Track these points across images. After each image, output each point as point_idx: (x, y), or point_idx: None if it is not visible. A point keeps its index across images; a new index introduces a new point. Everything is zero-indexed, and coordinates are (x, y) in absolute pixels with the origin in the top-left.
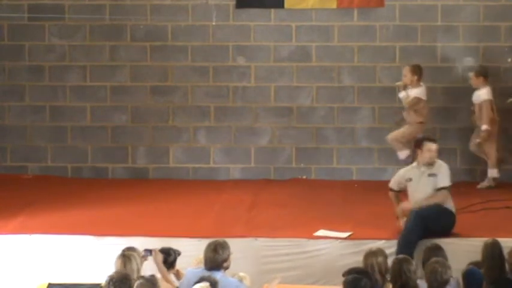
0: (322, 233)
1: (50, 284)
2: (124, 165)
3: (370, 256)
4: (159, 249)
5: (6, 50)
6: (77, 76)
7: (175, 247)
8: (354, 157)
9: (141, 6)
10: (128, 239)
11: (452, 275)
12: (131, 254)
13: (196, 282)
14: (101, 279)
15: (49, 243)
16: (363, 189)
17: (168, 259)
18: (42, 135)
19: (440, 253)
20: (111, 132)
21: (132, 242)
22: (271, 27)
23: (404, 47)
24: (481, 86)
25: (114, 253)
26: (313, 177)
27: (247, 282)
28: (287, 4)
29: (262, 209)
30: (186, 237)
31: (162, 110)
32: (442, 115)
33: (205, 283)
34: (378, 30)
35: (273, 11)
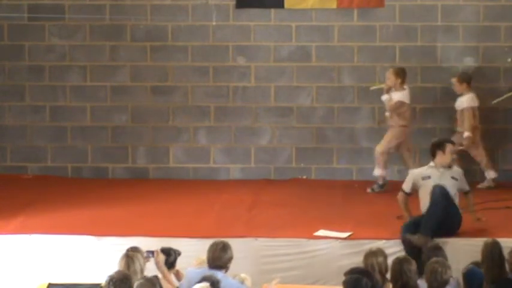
0: (322, 233)
1: (50, 284)
2: (124, 165)
3: (370, 256)
4: (160, 249)
5: (6, 50)
6: (77, 76)
7: (175, 247)
8: (354, 157)
9: (141, 6)
10: (128, 239)
11: (452, 275)
12: (134, 255)
13: (198, 282)
14: (101, 279)
15: (49, 243)
16: (363, 189)
17: (168, 259)
18: (42, 135)
19: (440, 253)
20: (111, 132)
21: (132, 242)
22: (271, 27)
23: (404, 47)
24: (465, 92)
25: (114, 253)
26: (313, 177)
27: (248, 283)
28: (287, 4)
29: (262, 209)
30: (186, 237)
31: (162, 110)
32: (441, 115)
33: (206, 283)
34: (378, 30)
35: (273, 11)
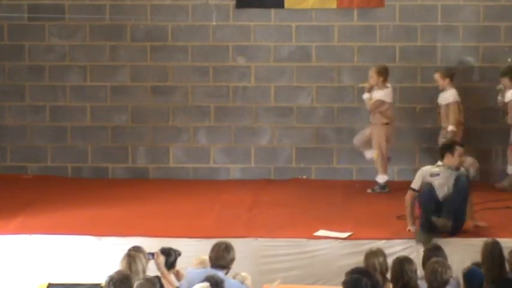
0: (322, 233)
1: (50, 284)
2: (124, 165)
3: (371, 256)
4: (160, 250)
5: (6, 50)
6: (77, 76)
7: (175, 247)
8: (354, 157)
9: (141, 6)
10: (128, 239)
11: (452, 275)
12: (136, 254)
13: (202, 282)
14: (101, 279)
15: (49, 243)
16: (363, 189)
17: (168, 259)
18: (42, 135)
19: (440, 253)
20: (111, 132)
21: (132, 242)
22: (271, 27)
23: (404, 47)
24: (447, 87)
25: (114, 253)
26: (313, 177)
27: (248, 282)
28: (287, 4)
29: (262, 209)
30: (186, 237)
31: (162, 110)
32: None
33: (206, 283)
34: (378, 30)
35: (273, 11)
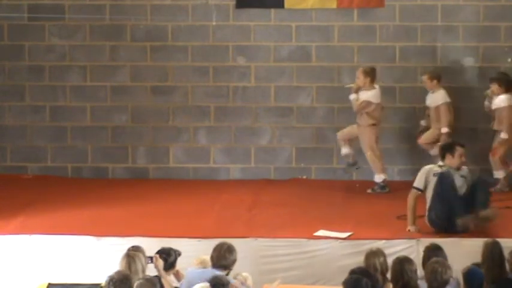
0: (322, 233)
1: (50, 284)
2: (124, 165)
3: (371, 256)
4: (160, 249)
5: (6, 50)
6: (77, 76)
7: (175, 247)
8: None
9: (141, 6)
10: (128, 239)
11: (452, 275)
12: (136, 254)
13: (209, 281)
14: (101, 279)
15: (49, 243)
16: (363, 189)
17: (168, 259)
18: (42, 135)
19: (440, 253)
20: (111, 132)
21: (131, 242)
22: (271, 27)
23: (404, 47)
24: (436, 89)
25: (114, 253)
26: (313, 177)
27: (249, 282)
28: (287, 4)
29: (262, 209)
30: (186, 237)
31: (162, 110)
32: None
33: (206, 283)
34: (378, 30)
35: (273, 11)
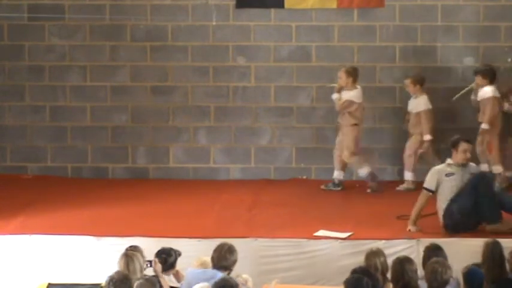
0: (322, 233)
1: (50, 284)
2: (124, 165)
3: (372, 256)
4: (160, 249)
5: (6, 50)
6: (77, 76)
7: (175, 247)
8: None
9: (141, 6)
10: (128, 239)
11: (452, 275)
12: (134, 254)
13: (217, 283)
14: (101, 279)
15: (49, 244)
16: (363, 189)
17: (168, 259)
18: (42, 135)
19: (440, 253)
20: (111, 132)
21: (132, 243)
22: (271, 27)
23: (404, 47)
24: (418, 94)
25: (114, 253)
26: (313, 177)
27: (250, 284)
28: (287, 4)
29: (262, 209)
30: (186, 237)
31: (162, 110)
32: (442, 115)
33: (206, 283)
34: (378, 30)
35: (273, 11)
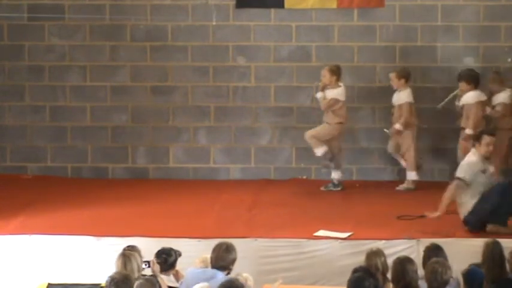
0: (322, 233)
1: (50, 284)
2: (124, 165)
3: (373, 256)
4: (160, 249)
5: (6, 50)
6: (77, 76)
7: (175, 247)
8: (354, 157)
9: (141, 6)
10: (128, 240)
11: (452, 275)
12: (131, 254)
13: (223, 285)
14: (100, 280)
15: (49, 243)
16: (363, 189)
17: (168, 259)
18: (42, 135)
19: (441, 253)
20: (111, 132)
21: (132, 243)
22: (271, 27)
23: (404, 47)
24: (402, 88)
25: (114, 253)
26: (313, 177)
27: (250, 283)
28: (287, 4)
29: (262, 209)
30: (186, 237)
31: (162, 110)
32: (442, 115)
33: (205, 283)
34: (378, 30)
35: (273, 11)
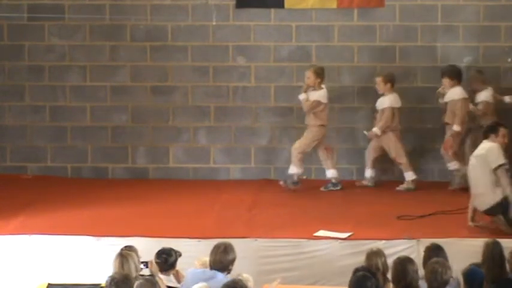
0: (322, 233)
1: (49, 284)
2: (124, 165)
3: (374, 256)
4: (160, 249)
5: (6, 50)
6: (77, 76)
7: (175, 247)
8: (354, 157)
9: (141, 6)
10: (128, 240)
11: (452, 275)
12: (129, 254)
13: (227, 285)
14: (100, 280)
15: (49, 244)
16: (363, 189)
17: (169, 259)
18: (42, 135)
19: (441, 253)
20: (111, 132)
21: (132, 243)
22: (271, 27)
23: (404, 47)
24: (387, 93)
25: (113, 254)
26: (313, 177)
27: (250, 284)
28: (287, 4)
29: (262, 209)
30: (186, 237)
31: (162, 110)
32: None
33: (204, 283)
34: (378, 30)
35: (273, 11)
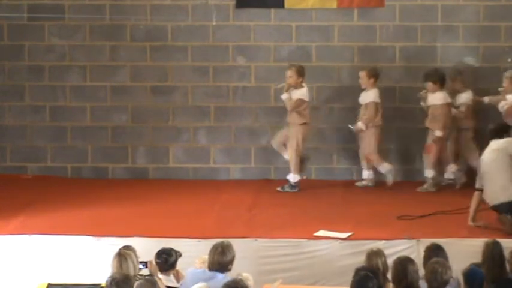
0: (322, 233)
1: (49, 284)
2: (124, 165)
3: (374, 256)
4: (160, 249)
5: (6, 50)
6: (77, 76)
7: (175, 247)
8: (354, 157)
9: (141, 6)
10: (128, 240)
11: (452, 275)
12: (127, 253)
13: (228, 285)
14: (100, 280)
15: (49, 244)
16: (362, 189)
17: (169, 259)
18: (42, 135)
19: (441, 253)
20: (111, 132)
21: (132, 243)
22: (271, 27)
23: (404, 47)
24: (369, 87)
25: (113, 254)
26: (313, 177)
27: (250, 283)
28: (287, 4)
29: (262, 209)
30: (186, 237)
31: (162, 110)
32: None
33: (204, 283)
34: (378, 30)
35: (273, 11)
